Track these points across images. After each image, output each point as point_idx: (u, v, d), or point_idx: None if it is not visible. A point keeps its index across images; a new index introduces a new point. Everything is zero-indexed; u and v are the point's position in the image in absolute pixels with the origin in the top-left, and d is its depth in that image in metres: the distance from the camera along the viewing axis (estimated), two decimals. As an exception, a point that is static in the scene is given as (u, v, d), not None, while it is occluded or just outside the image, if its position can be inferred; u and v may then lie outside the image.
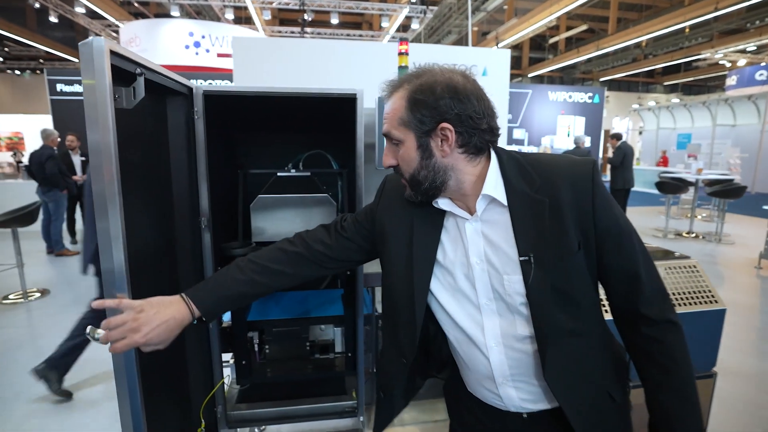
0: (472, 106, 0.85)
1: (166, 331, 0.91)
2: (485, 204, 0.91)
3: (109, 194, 0.86)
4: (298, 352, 1.78)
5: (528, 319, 0.89)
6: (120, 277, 0.89)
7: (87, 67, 0.83)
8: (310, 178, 1.80)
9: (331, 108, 1.69)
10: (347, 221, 1.12)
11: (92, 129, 0.84)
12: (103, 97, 0.84)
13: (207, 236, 1.43)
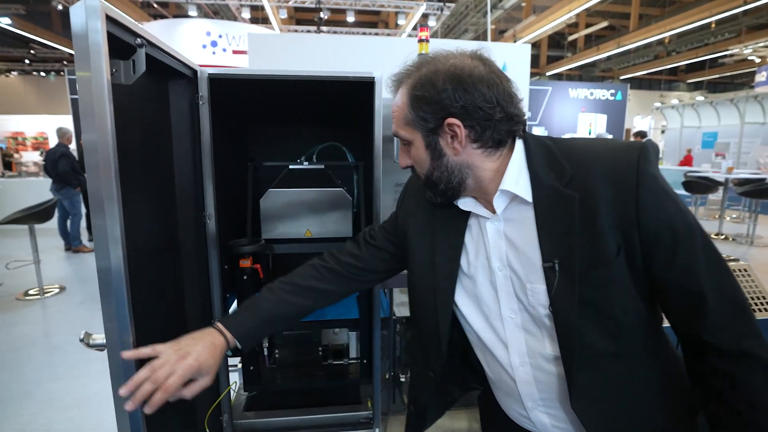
0: (481, 95, 0.73)
1: (211, 355, 0.84)
2: (506, 201, 0.80)
3: (105, 187, 0.75)
4: (309, 358, 1.67)
5: (555, 338, 0.77)
6: (118, 277, 0.78)
7: (79, 33, 0.71)
8: (324, 171, 1.69)
9: (346, 96, 1.58)
10: (375, 230, 1.06)
11: (85, 110, 0.72)
12: (98, 70, 0.72)
13: (212, 232, 1.32)
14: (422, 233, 0.92)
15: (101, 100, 0.72)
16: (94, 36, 0.71)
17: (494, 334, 0.85)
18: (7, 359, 3.15)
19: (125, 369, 0.82)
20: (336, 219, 1.59)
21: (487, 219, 0.82)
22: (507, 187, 0.77)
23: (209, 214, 1.31)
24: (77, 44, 0.71)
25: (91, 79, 0.72)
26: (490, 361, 0.89)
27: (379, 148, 1.34)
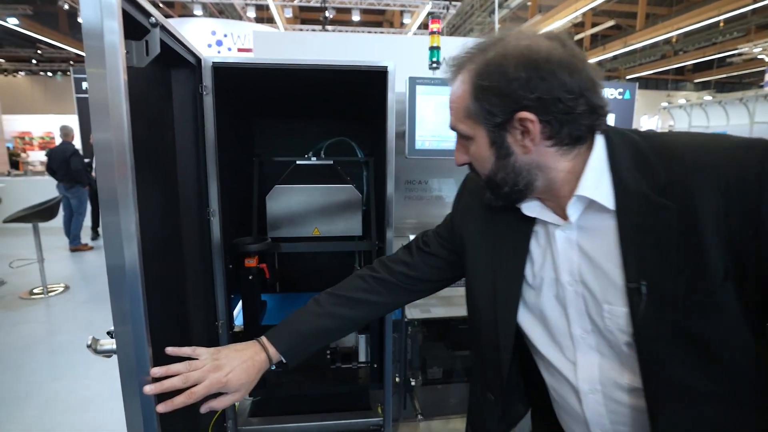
0: (561, 84, 0.62)
1: (246, 372, 0.81)
2: (581, 208, 0.69)
3: (120, 185, 0.68)
4: (317, 361, 1.61)
5: (637, 369, 0.66)
6: (132, 277, 0.72)
7: (90, 11, 0.63)
8: (332, 167, 1.62)
9: (356, 89, 1.51)
10: (429, 235, 0.97)
11: (96, 92, 0.65)
12: (113, 51, 0.65)
13: (216, 230, 1.26)
14: (482, 239, 0.83)
15: (116, 82, 0.65)
16: (109, 11, 0.63)
17: (560, 352, 0.76)
18: (10, 359, 3.11)
19: (138, 375, 0.76)
20: (345, 217, 1.53)
21: (557, 226, 0.73)
22: (585, 193, 0.66)
23: (213, 211, 1.25)
24: (88, 21, 0.63)
25: (105, 60, 0.64)
26: (555, 381, 0.80)
27: (391, 144, 1.27)
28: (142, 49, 0.77)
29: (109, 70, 0.64)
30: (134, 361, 0.74)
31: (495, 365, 0.83)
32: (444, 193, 2.05)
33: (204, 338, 1.29)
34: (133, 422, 0.78)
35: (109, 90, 0.64)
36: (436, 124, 1.70)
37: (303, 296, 1.78)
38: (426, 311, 1.71)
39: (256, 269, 1.37)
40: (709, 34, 16.11)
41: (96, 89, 0.65)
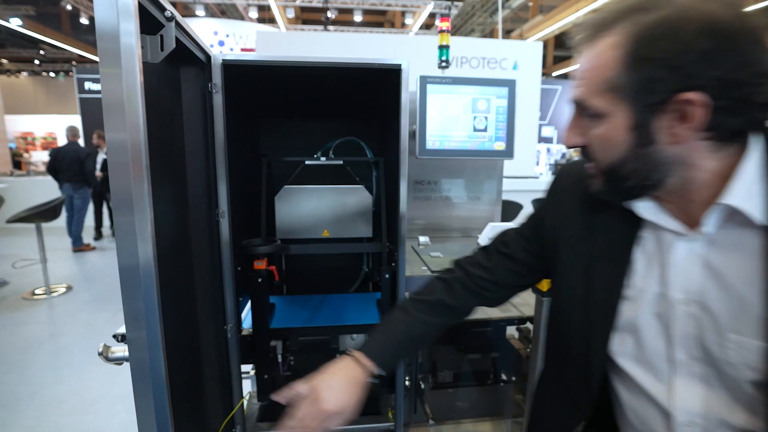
0: (753, 63, 0.51)
1: (343, 390, 0.80)
2: (721, 218, 0.59)
3: (135, 183, 0.65)
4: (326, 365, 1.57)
5: (758, 411, 0.58)
6: (148, 280, 0.69)
7: (105, 12, 0.60)
8: (342, 167, 1.60)
9: (366, 88, 1.49)
10: (509, 235, 0.91)
11: (110, 90, 0.62)
12: (129, 52, 0.62)
13: (225, 231, 1.23)
14: (577, 242, 0.75)
15: (132, 79, 0.62)
16: (125, 11, 0.61)
17: (649, 373, 0.69)
18: (12, 360, 3.09)
19: (155, 384, 0.73)
20: (355, 218, 1.50)
21: (678, 235, 0.63)
22: (734, 202, 0.56)
23: (222, 212, 1.22)
24: (102, 12, 0.60)
25: (121, 61, 0.61)
26: (636, 401, 0.72)
27: (404, 144, 1.24)
28: (157, 44, 0.74)
29: (125, 70, 0.62)
30: (148, 369, 0.71)
31: (584, 383, 0.76)
32: (453, 194, 2.02)
33: (212, 342, 1.26)
34: (146, 429, 0.75)
35: (125, 90, 0.62)
36: (446, 123, 1.67)
37: (311, 298, 1.76)
38: (436, 314, 1.68)
39: (266, 271, 1.34)
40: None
41: (111, 89, 0.62)
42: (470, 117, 1.67)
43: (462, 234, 2.05)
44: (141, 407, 0.73)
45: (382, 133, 1.81)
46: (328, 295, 1.80)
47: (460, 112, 1.67)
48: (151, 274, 0.68)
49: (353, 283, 1.92)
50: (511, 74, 6.41)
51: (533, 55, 6.41)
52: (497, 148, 1.71)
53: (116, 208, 0.64)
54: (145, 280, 0.68)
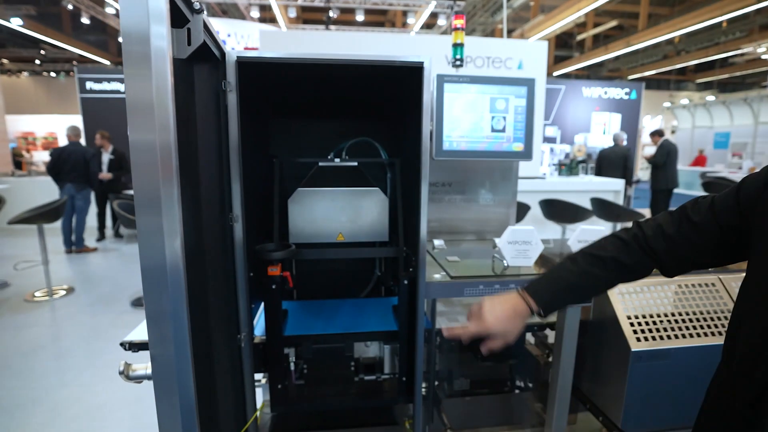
0: None
1: (505, 314, 0.89)
2: None
3: (164, 182, 0.62)
4: (340, 373, 1.53)
5: None
6: (176, 277, 0.64)
7: (134, 18, 0.56)
8: (356, 169, 1.54)
9: (382, 86, 1.44)
10: (700, 203, 0.82)
11: (137, 90, 0.58)
12: (160, 41, 0.58)
13: (239, 236, 1.18)
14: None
15: (162, 78, 0.57)
16: (157, 15, 0.57)
17: None
18: (14, 364, 3.03)
19: (184, 406, 0.67)
20: (371, 221, 1.45)
21: None
22: None
23: (236, 216, 1.17)
24: (131, 29, 0.56)
25: (152, 64, 0.57)
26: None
27: (426, 144, 1.19)
28: (184, 38, 0.69)
29: (156, 71, 0.57)
30: (176, 388, 0.65)
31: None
32: (467, 196, 1.97)
33: (225, 352, 1.21)
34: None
35: (155, 92, 0.57)
36: (464, 124, 1.62)
37: (324, 304, 1.71)
38: (454, 320, 1.63)
39: (280, 278, 1.29)
40: (711, 34, 16.00)
41: (138, 90, 0.57)
42: (488, 117, 1.62)
43: (477, 236, 2.00)
44: (165, 425, 0.67)
45: (394, 133, 1.76)
46: (341, 301, 1.75)
47: (478, 112, 1.61)
48: (179, 279, 0.63)
49: (364, 288, 1.87)
50: (516, 74, 6.37)
51: (538, 55, 6.36)
52: (516, 149, 1.66)
53: (139, 210, 0.59)
54: (173, 287, 0.62)
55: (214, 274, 1.14)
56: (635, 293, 1.43)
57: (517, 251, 1.52)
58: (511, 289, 1.42)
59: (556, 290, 0.92)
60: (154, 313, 0.62)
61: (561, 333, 1.42)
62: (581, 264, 0.90)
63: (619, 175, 6.71)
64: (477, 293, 1.39)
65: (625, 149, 7.24)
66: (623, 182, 5.70)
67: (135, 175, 0.58)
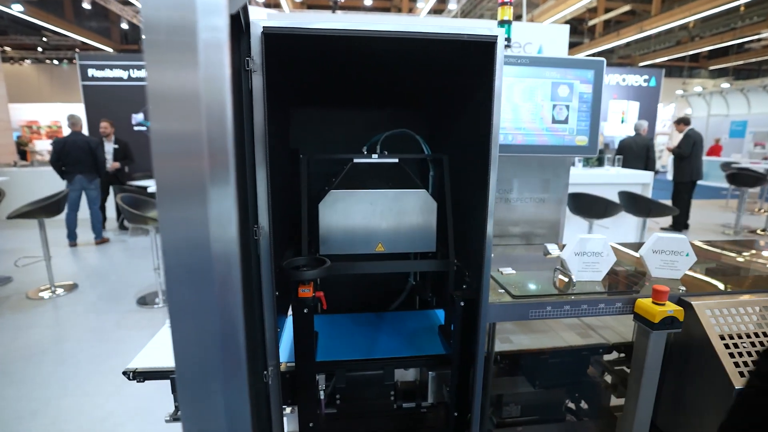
0: None
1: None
2: None
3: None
4: (378, 402, 1.32)
5: None
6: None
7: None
8: (396, 166, 1.31)
9: (427, 68, 1.20)
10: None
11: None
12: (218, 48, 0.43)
13: (266, 253, 0.96)
14: None
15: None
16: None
17: None
18: (14, 371, 2.86)
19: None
20: (417, 229, 1.23)
21: None
22: None
23: (262, 229, 0.95)
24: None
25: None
26: None
27: (496, 137, 0.96)
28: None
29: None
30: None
31: None
32: (514, 195, 1.74)
33: (250, 393, 1.00)
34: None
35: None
36: (520, 113, 1.39)
37: (355, 319, 1.50)
38: (506, 341, 1.41)
39: (312, 299, 1.08)
40: (728, 18, 15.49)
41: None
42: (549, 106, 1.39)
43: (525, 240, 1.78)
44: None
45: (435, 125, 1.53)
46: (374, 315, 1.54)
47: (537, 100, 1.38)
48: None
49: (395, 297, 1.66)
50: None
51: (559, 39, 6.05)
52: (579, 143, 1.43)
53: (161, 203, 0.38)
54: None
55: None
56: (729, 306, 1.21)
57: (584, 264, 1.29)
58: (583, 311, 1.22)
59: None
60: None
61: (641, 361, 1.20)
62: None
63: (641, 166, 6.43)
64: (544, 315, 1.17)
65: (648, 139, 6.94)
66: (651, 174, 5.44)
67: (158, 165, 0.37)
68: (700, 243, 1.80)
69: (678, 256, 1.32)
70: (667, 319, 1.12)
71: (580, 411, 1.59)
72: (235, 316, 0.45)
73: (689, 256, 1.32)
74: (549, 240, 1.79)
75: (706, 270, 1.56)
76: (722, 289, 1.31)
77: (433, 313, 1.61)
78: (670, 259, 1.33)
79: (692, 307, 1.19)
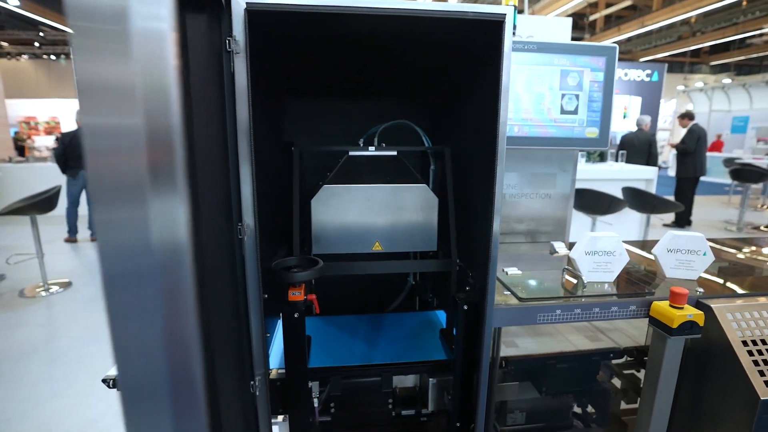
0: None
1: None
2: None
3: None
4: (375, 411, 1.24)
5: None
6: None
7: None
8: (395, 160, 1.23)
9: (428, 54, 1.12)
10: None
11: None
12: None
13: (251, 253, 0.88)
14: None
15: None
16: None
17: None
18: (4, 370, 2.78)
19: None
20: (416, 227, 1.14)
21: None
22: None
23: (247, 227, 0.87)
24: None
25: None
26: None
27: (503, 127, 0.87)
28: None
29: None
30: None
31: None
32: (518, 190, 1.65)
33: (235, 405, 0.92)
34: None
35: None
36: (527, 103, 1.30)
37: (351, 321, 1.42)
38: (511, 344, 1.34)
39: (304, 303, 1.00)
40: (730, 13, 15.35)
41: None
42: (557, 96, 1.30)
43: (529, 238, 1.70)
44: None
45: (436, 115, 1.44)
46: (371, 316, 1.46)
47: (545, 89, 1.29)
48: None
49: (394, 298, 1.58)
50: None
51: (561, 33, 5.95)
52: (589, 135, 1.34)
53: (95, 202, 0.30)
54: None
55: (216, 303, 0.84)
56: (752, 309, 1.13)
57: (596, 264, 1.21)
58: (594, 314, 1.14)
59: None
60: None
61: (656, 369, 1.12)
62: None
63: (643, 162, 6.35)
64: (553, 319, 1.09)
65: (650, 134, 6.86)
66: (655, 170, 5.36)
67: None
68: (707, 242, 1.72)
69: (694, 256, 1.24)
70: (686, 324, 1.04)
71: (588, 416, 1.51)
72: (187, 329, 0.37)
73: (707, 255, 1.24)
74: (555, 237, 1.71)
75: (718, 270, 1.48)
76: (742, 291, 1.24)
77: (434, 314, 1.53)
78: (686, 259, 1.25)
79: (712, 310, 1.11)
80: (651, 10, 15.75)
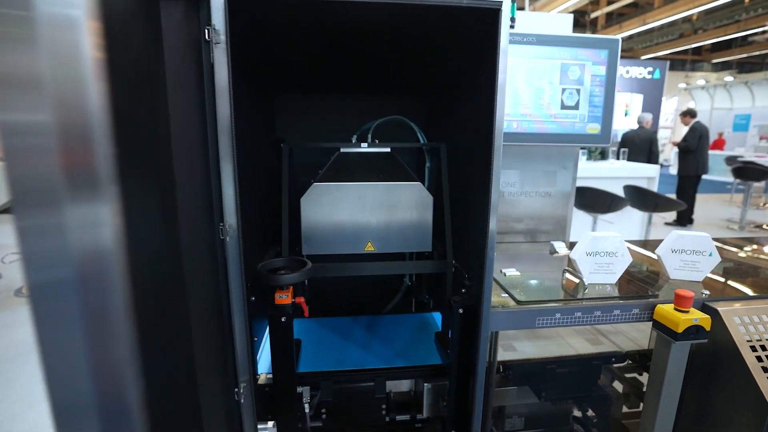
0: None
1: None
2: None
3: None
4: (368, 416, 1.20)
5: None
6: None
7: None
8: (388, 157, 1.18)
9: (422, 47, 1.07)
10: None
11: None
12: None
13: (234, 255, 0.84)
14: None
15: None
16: None
17: None
18: (-4, 371, 2.75)
19: None
20: (411, 226, 1.10)
21: None
22: None
23: (229, 227, 0.82)
24: None
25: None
26: None
27: (500, 122, 0.83)
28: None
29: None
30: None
31: None
32: (517, 188, 1.61)
33: (217, 410, 0.88)
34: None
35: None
36: (526, 98, 1.26)
37: (343, 323, 1.38)
38: (509, 348, 1.29)
39: (292, 306, 0.95)
40: (732, 11, 15.27)
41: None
42: (557, 90, 1.25)
43: (529, 237, 1.65)
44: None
45: (432, 111, 1.40)
46: (365, 318, 1.42)
47: (544, 83, 1.25)
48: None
49: (389, 299, 1.54)
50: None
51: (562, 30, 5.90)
52: (590, 131, 1.30)
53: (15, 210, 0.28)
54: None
55: (198, 308, 0.80)
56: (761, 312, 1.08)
57: (597, 265, 1.17)
58: (596, 318, 1.10)
59: None
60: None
61: (661, 374, 1.07)
62: None
63: (644, 160, 6.30)
64: (553, 323, 1.04)
65: (651, 132, 6.80)
66: (657, 168, 5.31)
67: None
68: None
69: (700, 256, 1.20)
70: (692, 329, 0.99)
71: (589, 421, 1.47)
72: (116, 345, 0.33)
73: (712, 256, 1.20)
74: (555, 237, 1.67)
75: (724, 270, 1.43)
76: (750, 293, 1.19)
77: (430, 316, 1.49)
78: (691, 260, 1.20)
79: (718, 313, 1.06)
80: (652, 8, 15.67)
